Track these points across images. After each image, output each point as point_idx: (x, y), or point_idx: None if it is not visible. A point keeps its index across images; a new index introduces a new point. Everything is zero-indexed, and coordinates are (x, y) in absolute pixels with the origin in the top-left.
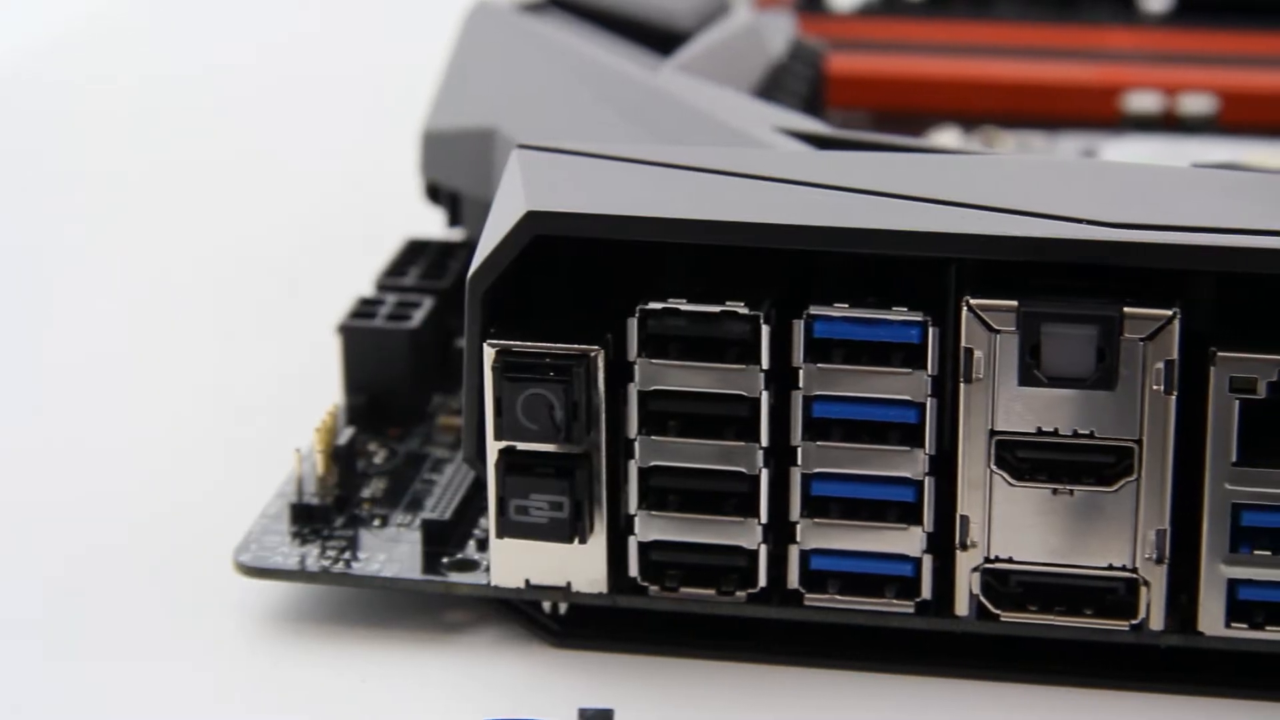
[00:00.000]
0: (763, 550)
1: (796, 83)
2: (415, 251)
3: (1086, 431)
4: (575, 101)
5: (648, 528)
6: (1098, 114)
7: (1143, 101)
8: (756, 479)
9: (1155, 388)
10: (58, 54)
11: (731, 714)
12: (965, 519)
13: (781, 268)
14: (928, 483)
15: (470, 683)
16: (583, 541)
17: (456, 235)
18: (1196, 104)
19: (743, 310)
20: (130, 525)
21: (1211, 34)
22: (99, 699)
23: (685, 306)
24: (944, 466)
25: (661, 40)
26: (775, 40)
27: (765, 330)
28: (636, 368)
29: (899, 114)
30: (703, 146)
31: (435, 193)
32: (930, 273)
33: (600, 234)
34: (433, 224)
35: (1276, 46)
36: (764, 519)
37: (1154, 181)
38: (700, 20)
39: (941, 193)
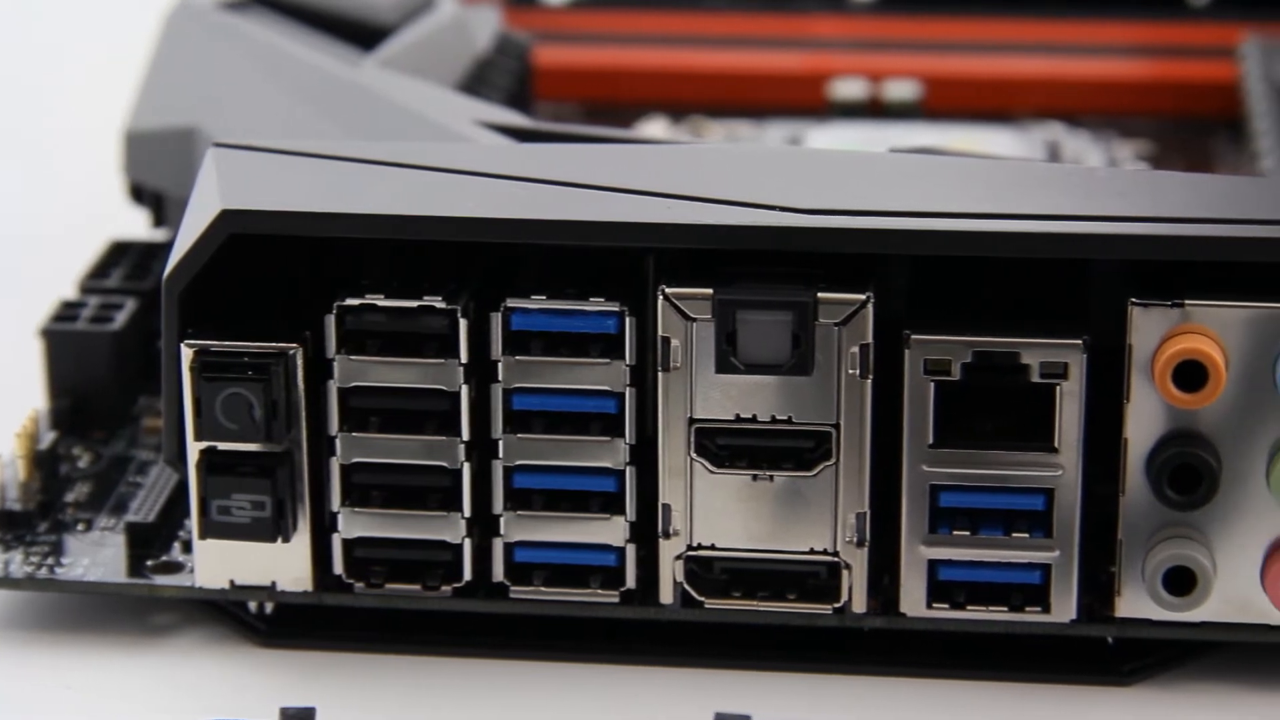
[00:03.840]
0: (467, 544)
1: (501, 76)
2: (118, 253)
3: (785, 417)
4: (276, 99)
5: (351, 524)
6: (805, 102)
7: (849, 89)
8: (459, 473)
9: (851, 372)
10: None
11: (437, 709)
12: (667, 507)
13: (483, 261)
14: (629, 472)
15: (176, 685)
16: (286, 540)
17: (160, 236)
18: (901, 90)
19: (440, 305)
20: None
21: (916, 21)
22: None
23: (382, 302)
24: (646, 455)
25: (365, 36)
26: (480, 34)
27: (463, 324)
28: (335, 365)
29: (609, 106)
30: (402, 142)
31: (139, 193)
32: (631, 263)
33: (295, 231)
34: (137, 225)
35: (979, 32)
36: (467, 513)
37: (851, 167)
38: (403, 15)
39: (639, 183)
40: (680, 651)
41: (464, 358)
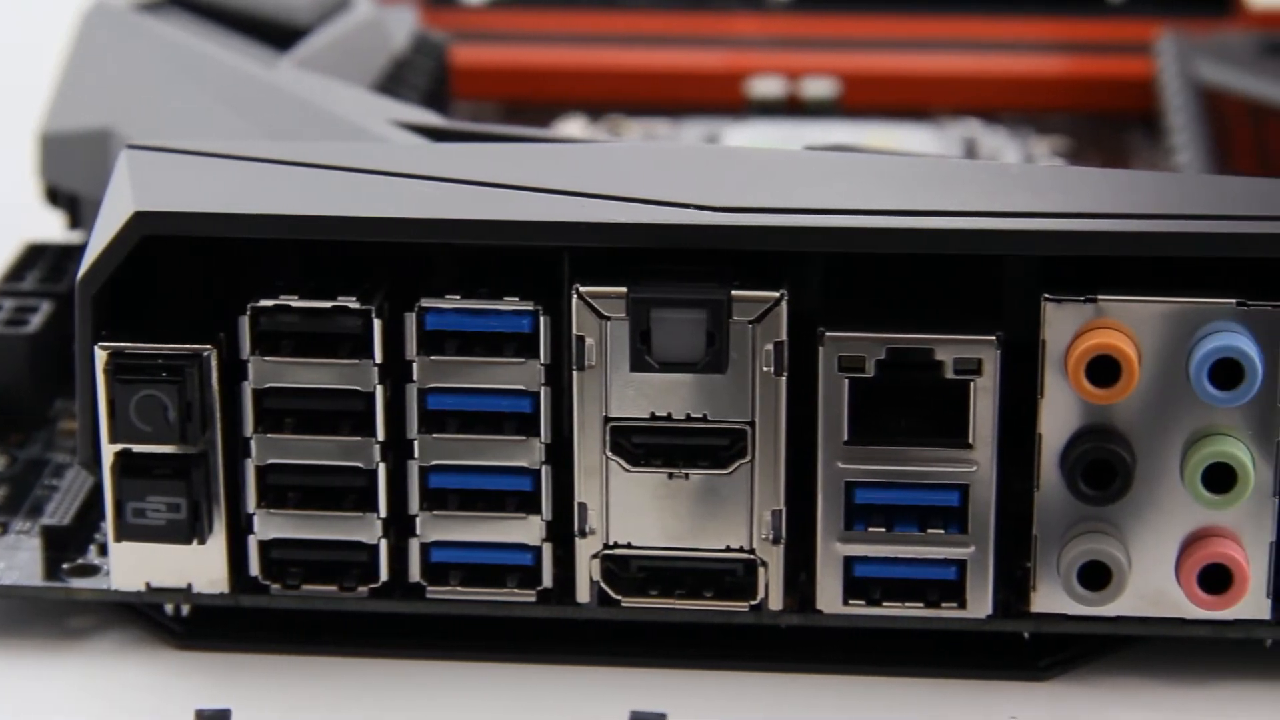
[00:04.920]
0: (383, 544)
1: (418, 76)
2: (34, 255)
3: (700, 415)
4: (192, 100)
5: (267, 526)
6: (723, 100)
7: (766, 87)
8: (374, 473)
9: (765, 369)
10: None
11: (354, 710)
12: (584, 506)
13: (397, 261)
14: (545, 471)
15: (92, 688)
16: (202, 542)
17: (77, 238)
18: (819, 88)
19: (354, 305)
20: None
21: (833, 18)
22: None
23: (296, 303)
24: (561, 454)
25: (281, 36)
26: (397, 34)
27: (377, 324)
28: (250, 366)
29: (527, 105)
30: (316, 142)
31: (54, 195)
32: (546, 262)
33: (209, 233)
34: (52, 227)
35: (896, 30)
36: (383, 513)
37: (766, 165)
38: (320, 15)
39: (554, 182)
40: (597, 650)
41: (378, 358)
